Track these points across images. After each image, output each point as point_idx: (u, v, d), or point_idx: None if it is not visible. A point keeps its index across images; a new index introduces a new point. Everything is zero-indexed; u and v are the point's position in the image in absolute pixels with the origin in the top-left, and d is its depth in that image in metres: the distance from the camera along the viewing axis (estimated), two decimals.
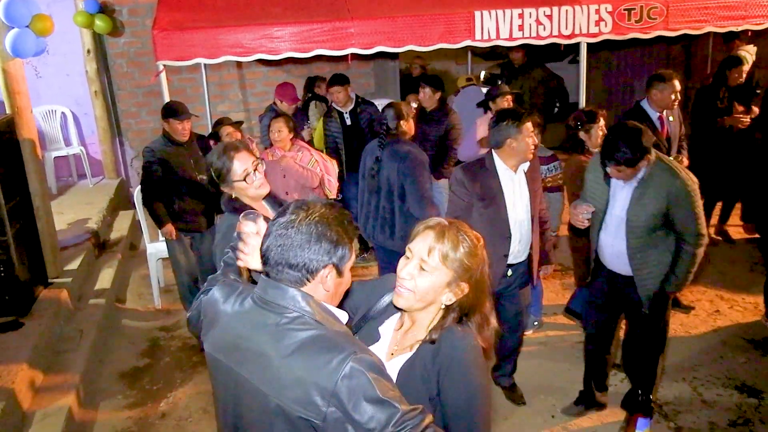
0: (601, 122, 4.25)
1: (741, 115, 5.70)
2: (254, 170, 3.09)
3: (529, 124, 3.55)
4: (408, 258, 1.85)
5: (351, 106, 6.20)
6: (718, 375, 4.30)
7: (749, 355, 4.49)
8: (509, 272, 3.79)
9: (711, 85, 5.99)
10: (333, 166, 5.28)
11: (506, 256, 3.72)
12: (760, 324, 4.88)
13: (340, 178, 5.66)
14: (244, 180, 3.05)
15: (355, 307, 2.04)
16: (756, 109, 5.94)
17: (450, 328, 1.83)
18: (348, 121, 6.16)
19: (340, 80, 6.11)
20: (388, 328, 1.98)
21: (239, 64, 8.01)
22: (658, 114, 4.90)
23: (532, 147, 3.61)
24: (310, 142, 6.08)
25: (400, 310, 1.93)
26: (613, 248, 3.47)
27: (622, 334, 3.96)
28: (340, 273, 1.70)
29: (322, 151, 5.78)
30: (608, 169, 3.29)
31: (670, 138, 5.02)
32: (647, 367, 3.66)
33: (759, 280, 5.47)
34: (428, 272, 1.81)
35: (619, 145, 3.15)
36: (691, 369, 4.37)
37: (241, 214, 2.14)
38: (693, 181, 3.26)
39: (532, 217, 3.77)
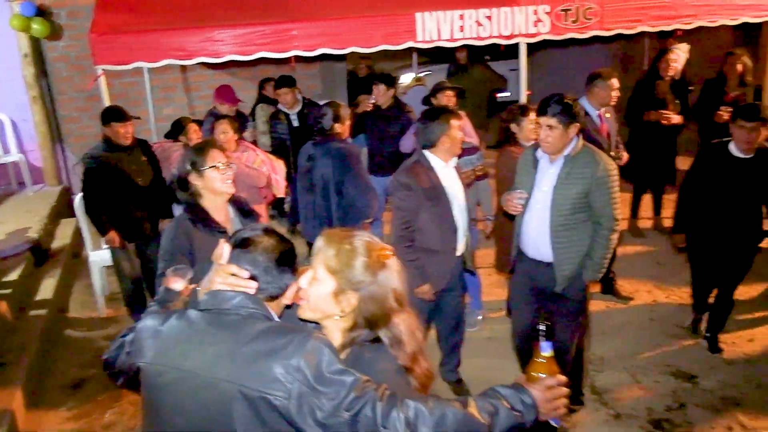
0: (532, 116, 4.38)
1: (666, 111, 5.88)
2: (223, 168, 3.15)
3: (455, 120, 3.72)
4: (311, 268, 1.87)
5: (298, 108, 6.25)
6: (655, 362, 4.46)
7: (684, 342, 4.68)
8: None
9: (645, 79, 6.21)
10: (280, 166, 5.29)
11: (456, 248, 3.84)
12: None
13: (289, 179, 5.67)
14: (216, 167, 3.07)
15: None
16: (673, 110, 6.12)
17: (357, 352, 1.81)
18: (295, 123, 6.20)
19: (287, 82, 6.15)
20: None
21: (183, 67, 7.91)
22: (598, 112, 5.05)
23: (461, 140, 3.79)
24: (254, 143, 6.07)
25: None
26: (537, 229, 3.57)
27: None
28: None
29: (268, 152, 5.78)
30: (540, 129, 3.45)
31: (609, 134, 5.18)
32: (575, 357, 3.79)
33: None
34: (317, 281, 1.82)
35: (553, 100, 3.42)
36: (630, 357, 4.53)
37: (170, 268, 2.21)
38: (614, 167, 3.48)
39: (468, 208, 3.94)
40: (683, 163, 6.59)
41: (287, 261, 1.85)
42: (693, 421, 3.90)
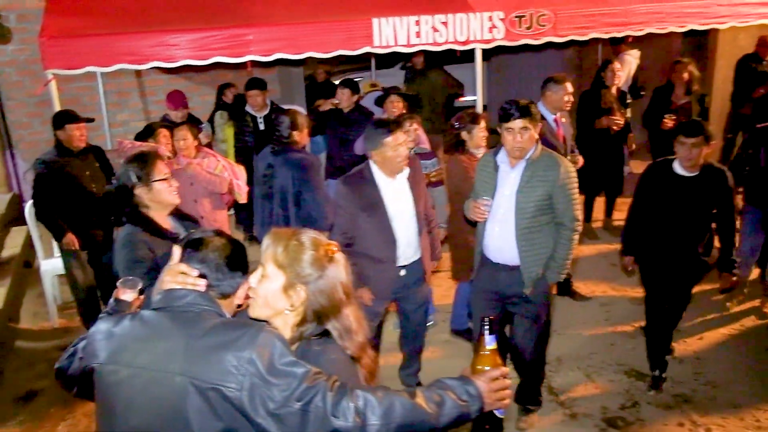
0: (482, 124, 4.44)
1: (615, 117, 6.00)
2: (170, 177, 3.14)
3: (399, 134, 3.64)
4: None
5: (266, 112, 6.29)
6: (609, 362, 4.56)
7: (637, 342, 4.77)
8: (402, 272, 3.87)
9: (591, 89, 6.29)
10: (241, 171, 5.25)
11: (395, 259, 3.82)
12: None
13: (250, 183, 5.64)
14: (164, 179, 3.04)
15: None
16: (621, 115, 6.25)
17: (305, 347, 1.85)
18: (261, 126, 6.20)
19: (258, 84, 6.18)
20: None
21: (138, 71, 7.79)
22: (554, 116, 5.14)
23: (403, 156, 3.69)
24: (208, 146, 6.03)
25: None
26: (501, 233, 3.60)
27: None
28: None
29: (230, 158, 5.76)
30: (511, 134, 3.46)
31: (565, 139, 5.28)
32: (537, 359, 3.84)
33: None
34: (266, 278, 1.85)
35: (518, 104, 3.48)
36: (585, 357, 4.62)
37: (120, 280, 2.23)
38: (573, 170, 3.59)
39: (418, 219, 3.87)
40: (637, 167, 6.78)
41: (238, 260, 1.94)
42: (646, 419, 4.00)
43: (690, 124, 4.03)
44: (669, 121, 5.95)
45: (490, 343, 1.86)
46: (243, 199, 5.16)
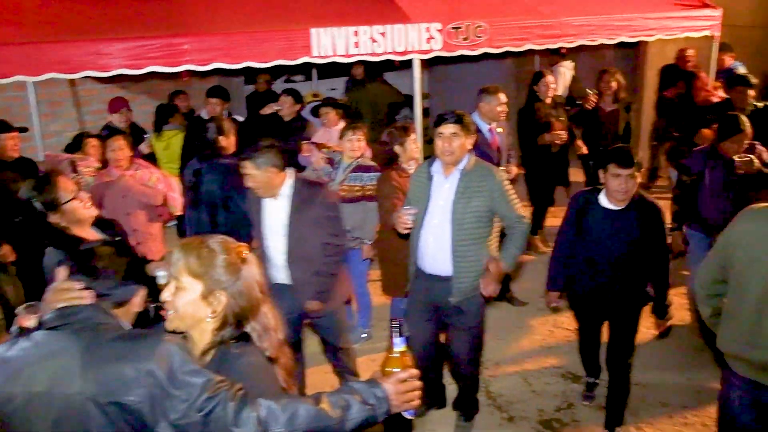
0: (413, 135, 4.49)
1: (557, 131, 6.10)
2: (79, 190, 3.06)
3: (263, 159, 3.54)
4: (170, 281, 1.91)
5: None
6: (546, 365, 4.67)
7: (573, 345, 4.87)
8: (287, 292, 3.76)
9: (526, 104, 6.35)
10: (175, 182, 5.17)
11: (271, 278, 3.75)
12: None
13: None
14: (76, 198, 2.97)
15: None
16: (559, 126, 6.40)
17: (224, 351, 1.86)
18: None
19: (222, 94, 6.09)
20: None
21: (72, 81, 7.58)
22: (489, 126, 5.25)
23: (266, 184, 3.60)
24: (150, 156, 5.93)
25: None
26: (436, 243, 3.62)
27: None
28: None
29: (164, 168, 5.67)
30: (441, 139, 3.52)
31: (500, 148, 5.39)
32: (473, 367, 3.91)
33: None
34: (182, 290, 1.85)
35: (449, 112, 3.57)
36: (522, 362, 4.72)
37: (21, 307, 2.18)
38: (505, 176, 3.70)
39: (289, 246, 3.73)
40: (576, 175, 6.97)
41: (129, 268, 1.95)
42: (581, 420, 4.11)
43: (622, 153, 3.51)
44: (593, 98, 6.23)
45: (399, 345, 1.87)
46: (178, 211, 5.08)
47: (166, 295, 1.87)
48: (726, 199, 4.51)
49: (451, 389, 4.17)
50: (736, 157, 4.41)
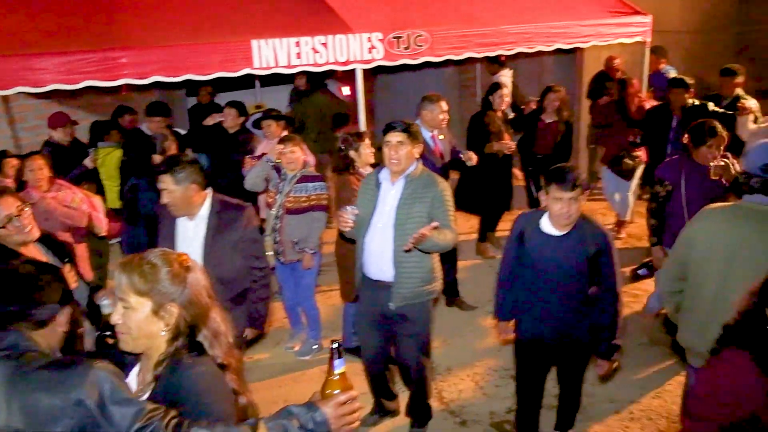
0: (367, 141, 4.54)
1: (505, 141, 6.20)
2: (18, 215, 2.96)
3: (184, 174, 3.36)
4: (117, 302, 1.89)
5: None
6: (496, 368, 4.73)
7: None
8: None
9: (480, 112, 6.44)
10: (99, 203, 5.03)
11: None
12: None
13: None
14: (4, 227, 2.88)
15: None
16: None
17: (175, 361, 1.84)
18: None
19: (163, 111, 5.99)
20: (131, 378, 1.99)
21: (5, 96, 7.33)
22: (431, 133, 5.33)
23: (184, 201, 3.42)
24: (94, 171, 5.79)
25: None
26: (379, 247, 3.66)
27: None
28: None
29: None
30: (389, 146, 3.55)
31: (442, 155, 5.46)
32: (423, 373, 3.93)
33: None
34: (132, 310, 1.84)
35: (396, 121, 3.62)
36: (473, 365, 4.77)
37: None
38: (448, 189, 3.72)
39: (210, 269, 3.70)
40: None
41: (50, 286, 1.92)
42: None
43: (564, 174, 3.10)
44: (533, 105, 6.40)
45: (338, 367, 1.86)
46: (103, 231, 4.94)
47: (116, 319, 1.85)
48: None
49: (404, 396, 4.19)
50: (712, 164, 4.28)
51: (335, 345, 1.86)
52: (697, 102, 6.04)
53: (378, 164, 3.91)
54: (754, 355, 1.95)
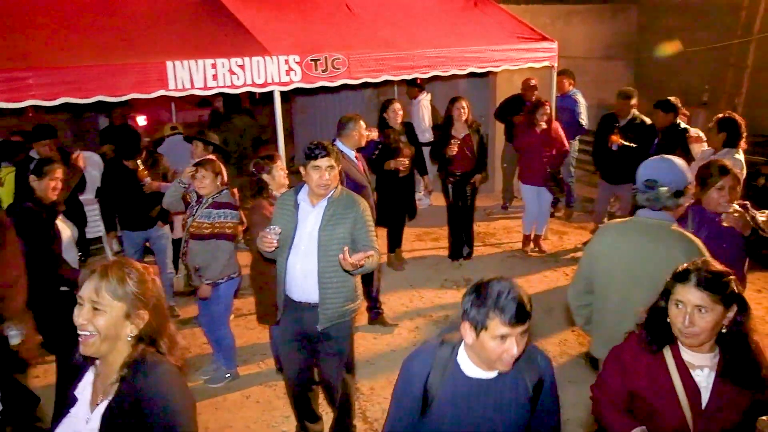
0: (279, 163, 4.53)
1: (401, 159, 6.30)
2: None
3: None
4: (80, 305, 1.95)
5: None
6: None
7: None
8: None
9: (377, 130, 6.49)
10: None
11: None
12: None
13: None
14: None
15: None
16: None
17: (140, 362, 1.95)
18: None
19: (49, 133, 5.72)
20: (84, 384, 2.05)
21: None
22: (354, 153, 5.41)
23: None
24: None
25: (93, 359, 2.03)
26: (303, 269, 3.65)
27: None
28: None
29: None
30: (318, 172, 3.55)
31: (365, 172, 5.55)
32: (346, 392, 3.95)
33: (450, 294, 6.27)
34: (102, 312, 1.93)
35: (318, 143, 3.60)
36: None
37: None
38: (368, 207, 3.76)
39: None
40: (437, 199, 7.24)
41: None
42: None
43: (516, 305, 2.06)
44: (454, 147, 6.50)
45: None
46: None
47: (81, 320, 1.92)
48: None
49: (328, 418, 4.18)
50: (723, 211, 3.61)
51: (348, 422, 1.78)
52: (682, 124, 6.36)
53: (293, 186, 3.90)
54: (648, 337, 2.32)
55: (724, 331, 2.23)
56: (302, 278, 3.67)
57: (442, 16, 7.21)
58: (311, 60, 5.68)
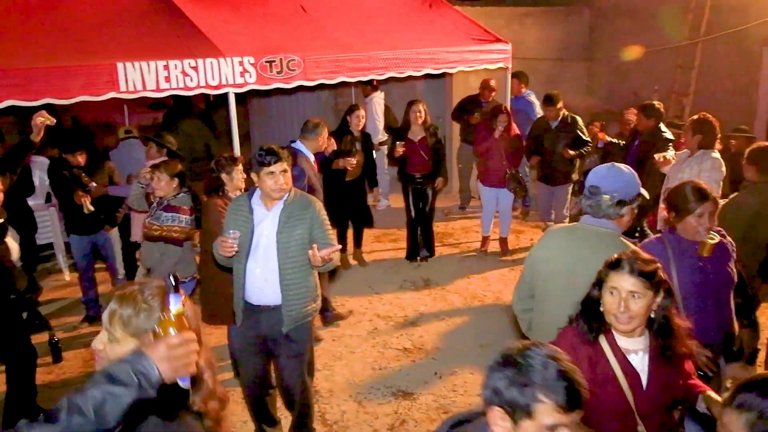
0: (240, 166, 4.53)
1: (350, 158, 6.28)
2: None
3: None
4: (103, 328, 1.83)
5: None
6: (378, 386, 4.79)
7: (403, 363, 5.10)
8: None
9: (337, 131, 6.48)
10: None
11: None
12: (409, 333, 5.57)
13: None
14: None
15: None
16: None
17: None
18: None
19: None
20: None
21: None
22: (314, 156, 5.42)
23: None
24: None
25: None
26: (262, 273, 3.64)
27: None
28: None
29: None
30: (273, 177, 3.55)
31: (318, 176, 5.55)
32: (305, 395, 3.93)
33: (409, 295, 6.30)
34: (116, 342, 1.78)
35: (269, 149, 3.59)
36: (355, 385, 4.80)
37: None
38: (323, 208, 3.79)
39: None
40: (396, 200, 7.25)
41: None
42: None
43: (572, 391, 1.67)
44: (400, 149, 6.57)
45: (174, 305, 1.68)
46: None
47: (97, 344, 1.78)
48: (703, 303, 3.22)
49: (286, 422, 4.15)
50: (701, 239, 3.22)
51: (170, 280, 1.68)
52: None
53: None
54: (585, 327, 2.37)
55: (653, 316, 2.37)
56: (263, 282, 3.66)
57: (397, 18, 7.23)
58: (266, 61, 5.64)
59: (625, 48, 9.72)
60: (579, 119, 7.06)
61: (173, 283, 1.67)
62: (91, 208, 5.45)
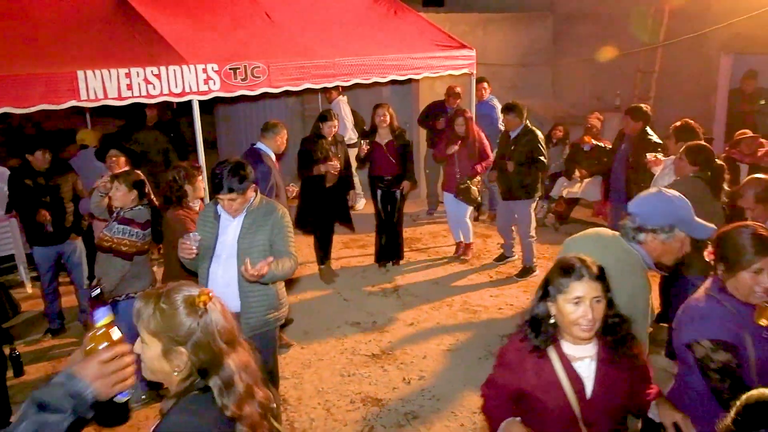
0: (201, 176, 4.55)
1: (332, 163, 6.29)
2: None
3: None
4: None
5: None
6: (346, 393, 4.78)
7: (371, 369, 5.10)
8: None
9: (308, 137, 6.51)
10: None
11: None
12: (377, 339, 5.58)
13: None
14: None
15: None
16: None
17: (173, 402, 1.75)
18: None
19: None
20: None
21: None
22: (274, 154, 5.48)
23: None
24: None
25: None
26: (224, 278, 3.68)
27: None
28: None
29: None
30: (223, 202, 3.59)
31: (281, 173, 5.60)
32: None
33: (377, 301, 6.30)
34: (146, 344, 1.76)
35: (226, 176, 3.54)
36: (324, 393, 4.79)
37: None
38: (287, 214, 3.82)
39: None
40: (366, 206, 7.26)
41: None
42: None
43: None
44: (364, 147, 6.63)
45: (100, 317, 1.62)
46: None
47: (137, 348, 1.76)
48: None
49: None
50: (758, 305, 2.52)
51: (95, 292, 1.67)
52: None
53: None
54: (534, 342, 2.34)
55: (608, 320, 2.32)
56: (224, 287, 3.67)
57: (362, 25, 7.25)
58: (230, 69, 5.61)
59: (588, 53, 9.89)
60: (539, 133, 6.67)
61: (97, 295, 1.65)
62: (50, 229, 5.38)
